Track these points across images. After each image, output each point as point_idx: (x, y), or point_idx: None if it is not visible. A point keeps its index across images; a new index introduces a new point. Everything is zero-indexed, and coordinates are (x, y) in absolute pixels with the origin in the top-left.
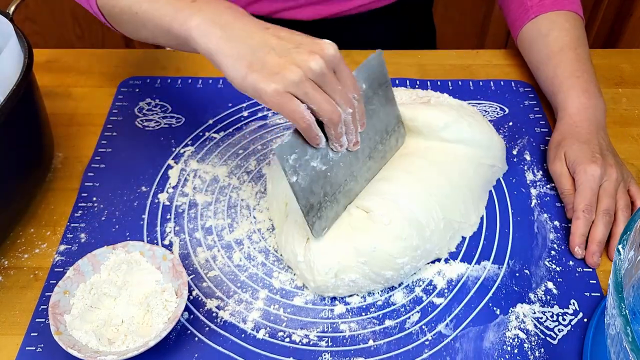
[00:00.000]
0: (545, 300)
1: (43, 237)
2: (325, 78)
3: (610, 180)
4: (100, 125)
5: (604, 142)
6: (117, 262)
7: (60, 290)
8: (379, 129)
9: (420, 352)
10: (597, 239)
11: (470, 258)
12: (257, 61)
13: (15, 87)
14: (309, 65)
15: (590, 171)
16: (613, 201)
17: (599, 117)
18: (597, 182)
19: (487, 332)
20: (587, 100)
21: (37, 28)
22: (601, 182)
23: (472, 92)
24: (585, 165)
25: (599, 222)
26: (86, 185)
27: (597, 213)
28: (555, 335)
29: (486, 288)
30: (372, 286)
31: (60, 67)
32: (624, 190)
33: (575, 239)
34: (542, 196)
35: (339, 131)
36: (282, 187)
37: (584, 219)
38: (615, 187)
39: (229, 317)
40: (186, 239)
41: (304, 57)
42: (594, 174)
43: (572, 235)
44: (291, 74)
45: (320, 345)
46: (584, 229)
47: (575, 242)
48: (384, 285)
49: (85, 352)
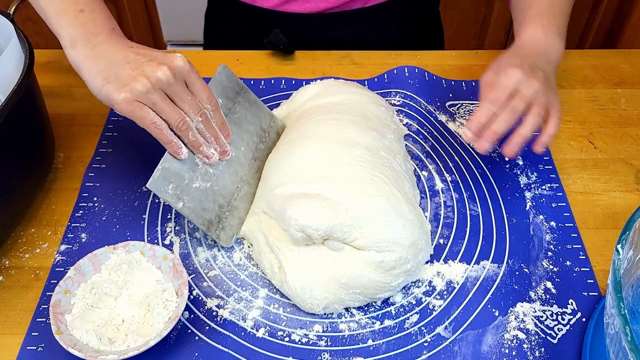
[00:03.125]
0: (545, 299)
1: (44, 237)
2: (172, 87)
3: (530, 88)
4: (101, 125)
5: (544, 69)
6: (118, 261)
7: (61, 290)
8: (253, 131)
9: (419, 353)
10: (494, 128)
11: (469, 258)
12: (113, 75)
13: (16, 87)
14: (157, 75)
15: (510, 72)
16: (524, 105)
17: (550, 54)
18: (513, 82)
19: (485, 336)
20: (543, 35)
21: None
22: (519, 87)
23: (471, 92)
24: (507, 68)
25: (502, 115)
26: (87, 185)
27: (504, 107)
28: (555, 334)
29: (485, 289)
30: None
31: (61, 67)
32: (543, 105)
33: (471, 123)
34: (537, 198)
35: (191, 139)
36: None
37: (485, 108)
38: (533, 96)
39: (228, 315)
40: (187, 238)
41: (153, 68)
42: (514, 75)
43: (468, 121)
44: (139, 84)
45: (320, 345)
46: (483, 118)
47: (469, 126)
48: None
49: (86, 352)
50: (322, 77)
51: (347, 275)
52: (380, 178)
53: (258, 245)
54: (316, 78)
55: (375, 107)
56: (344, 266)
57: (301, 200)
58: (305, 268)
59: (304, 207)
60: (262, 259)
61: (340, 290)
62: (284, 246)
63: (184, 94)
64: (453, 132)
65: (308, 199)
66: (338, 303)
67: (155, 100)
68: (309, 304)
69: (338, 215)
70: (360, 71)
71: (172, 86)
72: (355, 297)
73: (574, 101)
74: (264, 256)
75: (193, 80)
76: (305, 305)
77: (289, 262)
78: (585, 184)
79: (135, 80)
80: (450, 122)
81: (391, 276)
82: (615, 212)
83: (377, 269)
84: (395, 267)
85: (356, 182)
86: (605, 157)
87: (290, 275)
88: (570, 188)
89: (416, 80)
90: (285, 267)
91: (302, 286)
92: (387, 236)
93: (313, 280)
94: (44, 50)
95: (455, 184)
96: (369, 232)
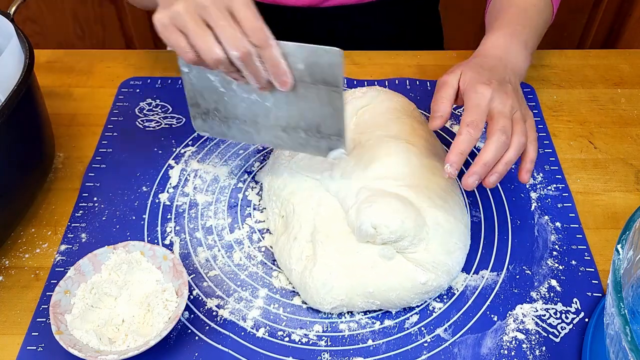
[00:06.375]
0: (548, 298)
1: (44, 237)
2: (208, 12)
3: (504, 104)
4: (101, 125)
5: (510, 80)
6: (118, 261)
7: (61, 290)
8: (309, 118)
9: (419, 354)
10: (484, 159)
11: (468, 268)
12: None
13: (16, 87)
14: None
15: (480, 90)
16: (510, 122)
17: (515, 63)
18: (486, 101)
19: (484, 339)
20: (509, 43)
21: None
22: (492, 104)
23: None
24: (476, 85)
25: (493, 141)
26: (87, 185)
27: (492, 132)
28: (558, 333)
29: (484, 297)
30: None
31: (61, 67)
32: (521, 120)
33: (450, 155)
34: (543, 199)
35: (221, 69)
36: (278, 198)
37: (467, 134)
38: (511, 112)
39: (228, 315)
40: (187, 238)
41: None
42: (484, 93)
43: (449, 152)
44: (175, 6)
45: (320, 345)
46: (464, 146)
47: (449, 159)
48: None
49: (86, 352)
50: None
51: (378, 285)
52: (463, 202)
53: (297, 231)
54: None
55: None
56: (380, 276)
57: (388, 199)
58: (339, 266)
59: (389, 206)
60: (292, 244)
61: (360, 297)
62: (328, 241)
63: (221, 20)
64: None
65: (395, 199)
66: (348, 307)
67: (186, 23)
68: (321, 299)
69: (417, 226)
70: (360, 71)
71: (207, 10)
72: (369, 305)
73: (574, 101)
74: (296, 242)
75: (238, 7)
76: (315, 298)
77: (325, 254)
78: (585, 184)
79: (174, 3)
80: (455, 125)
81: (419, 298)
82: (615, 212)
83: (413, 287)
84: (429, 292)
85: (448, 199)
86: (605, 157)
87: (319, 267)
88: (570, 188)
89: (417, 93)
90: (319, 258)
91: (325, 282)
92: (445, 261)
93: (339, 280)
94: (44, 50)
95: None
96: (433, 249)
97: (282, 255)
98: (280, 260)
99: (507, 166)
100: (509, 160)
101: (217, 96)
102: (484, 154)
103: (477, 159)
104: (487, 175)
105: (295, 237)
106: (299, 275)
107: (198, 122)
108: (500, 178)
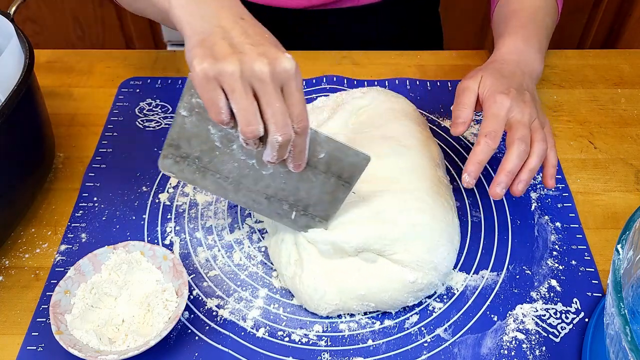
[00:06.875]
0: (548, 298)
1: (44, 237)
2: (264, 87)
3: (523, 113)
4: (101, 125)
5: (528, 87)
6: (118, 261)
7: (61, 290)
8: (302, 197)
9: (419, 354)
10: (507, 168)
11: (468, 268)
12: (209, 41)
13: (16, 87)
14: (252, 65)
15: (499, 100)
16: (529, 132)
17: (531, 67)
18: (505, 111)
19: (484, 339)
20: (524, 47)
21: (37, 28)
22: (510, 114)
23: None
24: (495, 95)
25: (514, 150)
26: (87, 185)
27: (511, 141)
28: (558, 333)
29: (484, 297)
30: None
31: (61, 67)
32: (540, 127)
33: (469, 165)
34: (543, 199)
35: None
36: None
37: (485, 144)
38: (530, 120)
39: (228, 315)
40: (187, 238)
41: (252, 56)
42: (504, 102)
43: (467, 162)
44: (228, 64)
45: (320, 345)
46: (482, 156)
47: (467, 169)
48: None
49: (86, 352)
50: (322, 77)
51: (368, 287)
52: (449, 204)
53: (284, 234)
54: (316, 78)
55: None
56: (369, 278)
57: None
58: (325, 271)
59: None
60: (280, 247)
61: (354, 300)
62: (310, 246)
63: (273, 98)
64: (459, 137)
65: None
66: (345, 310)
67: (235, 88)
68: (316, 305)
69: (377, 229)
70: (360, 71)
71: (264, 84)
72: (365, 307)
73: (574, 101)
74: (284, 245)
75: (291, 90)
76: (311, 304)
77: (310, 259)
78: (585, 184)
79: (226, 58)
80: (447, 120)
81: (413, 296)
82: (615, 212)
83: (404, 287)
84: (422, 290)
85: (428, 201)
86: (605, 157)
87: (306, 273)
88: (570, 188)
89: (417, 93)
90: (305, 263)
91: (316, 287)
92: (430, 259)
93: (329, 285)
94: (44, 50)
95: (457, 191)
96: (414, 248)
97: (274, 257)
98: (274, 263)
99: (531, 173)
100: (532, 168)
101: (206, 147)
102: (506, 163)
103: (501, 168)
104: (513, 184)
105: (282, 239)
106: (290, 281)
107: (167, 162)
108: (526, 185)
